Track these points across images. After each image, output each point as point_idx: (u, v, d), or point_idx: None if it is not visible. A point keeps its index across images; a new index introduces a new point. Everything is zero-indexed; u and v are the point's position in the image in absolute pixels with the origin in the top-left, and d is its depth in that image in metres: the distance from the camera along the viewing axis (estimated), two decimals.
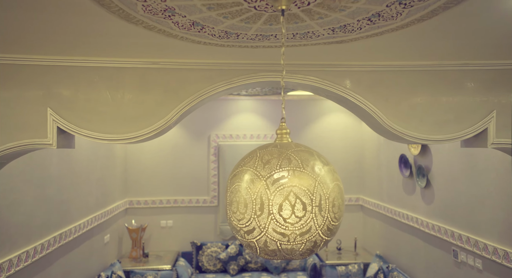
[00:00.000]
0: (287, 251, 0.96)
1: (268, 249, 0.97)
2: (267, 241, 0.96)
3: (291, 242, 0.95)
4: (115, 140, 1.80)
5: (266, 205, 0.94)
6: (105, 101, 1.81)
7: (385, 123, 1.89)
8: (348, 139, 5.60)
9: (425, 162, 3.79)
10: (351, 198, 5.57)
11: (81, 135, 1.79)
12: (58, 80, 1.78)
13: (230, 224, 1.04)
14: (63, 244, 3.21)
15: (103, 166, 4.34)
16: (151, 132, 1.82)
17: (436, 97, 1.92)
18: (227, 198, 1.04)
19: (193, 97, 1.85)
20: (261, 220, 0.94)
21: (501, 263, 2.71)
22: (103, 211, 4.24)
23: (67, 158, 3.34)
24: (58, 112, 1.77)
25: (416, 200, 3.97)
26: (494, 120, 1.88)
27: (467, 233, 3.10)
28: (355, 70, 1.89)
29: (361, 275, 4.62)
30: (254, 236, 0.97)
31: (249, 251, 1.04)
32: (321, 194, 0.95)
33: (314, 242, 0.96)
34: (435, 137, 1.91)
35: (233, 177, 1.04)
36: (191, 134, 5.49)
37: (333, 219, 0.98)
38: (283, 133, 1.07)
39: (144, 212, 5.36)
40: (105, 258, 4.38)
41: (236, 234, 1.03)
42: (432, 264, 3.66)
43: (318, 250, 1.00)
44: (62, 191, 3.22)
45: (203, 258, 5.09)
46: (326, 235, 0.97)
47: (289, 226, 0.94)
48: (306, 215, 0.94)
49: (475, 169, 3.02)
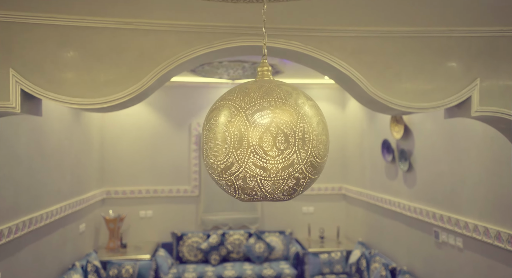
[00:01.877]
0: (268, 188, 0.88)
1: (248, 187, 0.89)
2: (246, 178, 0.87)
3: (272, 177, 0.87)
4: (85, 104, 1.68)
5: (246, 137, 0.85)
6: (74, 64, 1.69)
7: (370, 91, 1.84)
8: (331, 128, 5.57)
9: (407, 145, 3.79)
10: (334, 187, 5.56)
11: (47, 99, 1.66)
12: (22, 39, 1.64)
13: (206, 164, 0.95)
14: (33, 230, 3.04)
15: (78, 151, 4.15)
16: (124, 97, 1.71)
17: (421, 65, 1.88)
18: (203, 137, 0.95)
19: (170, 61, 1.74)
20: (240, 153, 0.86)
21: (481, 240, 2.72)
22: (77, 199, 4.06)
23: (37, 139, 3.17)
24: (22, 74, 1.64)
25: (398, 185, 3.98)
26: (478, 88, 1.86)
27: (448, 213, 3.10)
28: (339, 36, 1.83)
29: (343, 262, 4.61)
30: (232, 172, 0.88)
31: (227, 191, 0.95)
32: (304, 127, 0.88)
33: (296, 179, 0.88)
34: (420, 105, 1.87)
35: (210, 113, 0.95)
36: (171, 122, 5.35)
37: (317, 155, 0.91)
38: (264, 70, 0.99)
39: (122, 202, 5.19)
40: (80, 248, 4.20)
41: (213, 174, 0.94)
42: (414, 247, 3.66)
43: (301, 191, 0.93)
44: (31, 174, 3.04)
45: (184, 249, 4.97)
46: (309, 172, 0.90)
47: (270, 159, 0.85)
48: (288, 148, 0.86)
49: (457, 148, 3.02)
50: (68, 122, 3.87)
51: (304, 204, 5.52)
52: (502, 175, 2.53)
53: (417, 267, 3.60)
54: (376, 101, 1.88)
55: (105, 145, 5.15)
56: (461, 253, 2.96)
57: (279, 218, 5.48)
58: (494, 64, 1.88)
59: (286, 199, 0.93)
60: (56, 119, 3.56)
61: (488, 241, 2.64)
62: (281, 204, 5.47)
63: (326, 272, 4.54)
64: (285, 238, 5.17)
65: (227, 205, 5.37)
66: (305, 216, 5.51)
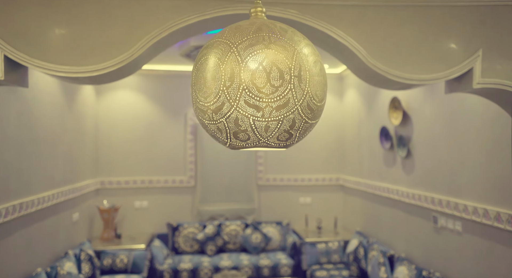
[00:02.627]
0: (262, 131, 0.81)
1: (240, 130, 0.82)
2: (238, 119, 0.81)
3: (265, 117, 0.80)
4: (72, 73, 1.61)
5: (237, 73, 0.79)
6: (61, 30, 1.61)
7: (369, 62, 1.78)
8: (329, 119, 5.52)
9: (406, 131, 3.74)
10: (331, 177, 5.51)
11: (33, 67, 1.58)
12: (6, 3, 1.57)
13: (196, 108, 0.88)
14: (24, 215, 2.97)
15: (71, 139, 4.08)
16: (112, 66, 1.64)
17: (422, 35, 1.82)
18: (192, 79, 0.89)
19: (161, 29, 1.67)
20: (232, 91, 0.79)
21: (480, 222, 2.67)
22: (70, 187, 3.99)
23: (28, 123, 3.09)
24: (6, 40, 1.56)
25: (397, 172, 3.93)
26: (480, 59, 1.81)
27: (447, 197, 3.05)
28: (338, 4, 1.77)
29: (341, 252, 4.56)
30: (223, 113, 0.81)
31: (218, 137, 0.88)
32: (300, 64, 0.81)
33: (292, 121, 0.81)
34: (420, 77, 1.81)
35: (199, 53, 0.88)
36: (167, 112, 5.27)
37: (315, 96, 0.84)
38: (257, 11, 0.92)
39: (117, 192, 5.12)
40: (73, 238, 4.12)
41: (202, 118, 0.87)
42: (412, 233, 3.62)
43: (297, 137, 0.86)
44: (21, 158, 2.97)
45: (180, 239, 4.91)
46: (306, 114, 0.83)
47: (264, 97, 0.79)
48: (283, 85, 0.79)
49: (456, 131, 2.97)
50: (60, 108, 3.79)
51: (301, 195, 5.47)
52: (503, 156, 2.48)
53: (416, 254, 3.56)
54: (375, 74, 1.82)
55: (99, 134, 5.07)
56: (460, 237, 2.91)
57: (276, 209, 5.43)
58: (497, 34, 1.82)
59: (281, 146, 0.86)
60: (48, 104, 3.48)
61: (487, 222, 2.59)
62: (278, 195, 5.41)
63: (324, 262, 4.49)
64: (282, 229, 5.12)
65: (223, 196, 5.31)
66: (303, 207, 5.46)
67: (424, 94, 3.43)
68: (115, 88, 5.13)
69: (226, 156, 5.30)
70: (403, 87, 1.96)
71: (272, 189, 5.45)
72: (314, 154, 5.50)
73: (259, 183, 5.39)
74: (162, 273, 4.34)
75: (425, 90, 3.41)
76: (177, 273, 4.37)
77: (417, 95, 3.54)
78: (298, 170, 5.47)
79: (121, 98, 5.16)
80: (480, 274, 2.69)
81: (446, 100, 3.10)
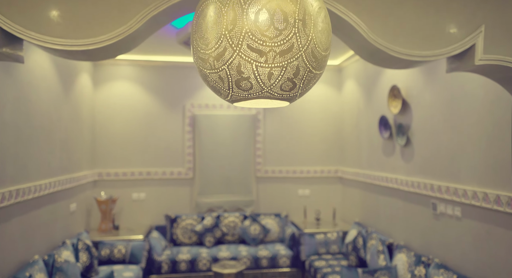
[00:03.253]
0: (265, 78, 0.78)
1: (242, 78, 0.79)
2: (240, 65, 0.78)
3: (269, 63, 0.77)
4: (69, 45, 1.58)
5: (240, 15, 0.76)
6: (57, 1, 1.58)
7: (371, 38, 1.76)
8: (328, 111, 5.51)
9: (405, 119, 3.73)
10: (330, 170, 5.50)
11: (29, 39, 1.55)
12: None
13: (197, 58, 0.85)
14: (21, 201, 2.93)
15: (68, 128, 4.04)
16: (110, 40, 1.61)
17: (424, 10, 1.80)
18: (193, 28, 0.86)
19: (160, 1, 1.64)
20: (234, 35, 0.76)
21: (480, 206, 2.66)
22: (68, 177, 3.95)
23: (24, 107, 3.05)
24: (1, 11, 1.53)
25: (396, 161, 3.91)
26: (483, 35, 1.79)
27: (446, 183, 3.04)
28: None
29: (340, 242, 4.55)
30: (225, 60, 0.78)
31: (220, 88, 0.84)
32: (305, 7, 0.78)
33: (296, 69, 0.79)
34: (422, 53, 1.79)
35: (199, 0, 0.85)
36: (164, 103, 5.24)
37: (319, 44, 0.81)
38: None
39: (115, 184, 5.08)
40: (71, 228, 4.09)
41: (203, 68, 0.84)
42: (411, 222, 3.61)
43: (301, 88, 0.83)
44: (18, 143, 2.93)
45: (178, 231, 4.88)
46: (310, 62, 0.80)
47: (267, 41, 0.76)
48: (287, 28, 0.76)
49: (456, 116, 2.96)
50: (56, 96, 3.75)
51: (299, 187, 5.45)
52: (503, 138, 2.47)
53: (415, 241, 3.55)
54: (377, 50, 1.80)
55: (96, 125, 5.04)
56: (459, 222, 2.90)
57: (275, 201, 5.41)
58: (499, 10, 1.80)
59: (284, 97, 0.83)
60: (44, 90, 3.44)
61: (487, 206, 2.58)
62: (276, 187, 5.40)
63: (322, 252, 4.48)
64: (281, 221, 5.10)
65: (222, 188, 5.28)
66: (301, 199, 5.44)
67: (424, 81, 3.41)
68: (113, 79, 5.10)
69: (225, 147, 5.27)
70: (405, 65, 1.94)
71: (271, 181, 5.43)
72: (313, 146, 5.49)
73: (257, 175, 5.37)
74: (161, 264, 4.31)
75: (425, 76, 3.39)
76: (176, 263, 4.35)
77: (416, 82, 3.53)
78: (297, 162, 5.46)
79: (119, 89, 5.12)
80: (479, 258, 2.68)
81: (446, 85, 3.09)
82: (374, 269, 3.26)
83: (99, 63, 5.06)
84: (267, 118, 5.43)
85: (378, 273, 3.23)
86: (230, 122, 5.30)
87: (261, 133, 5.40)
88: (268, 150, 5.42)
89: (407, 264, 3.21)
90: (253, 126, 5.34)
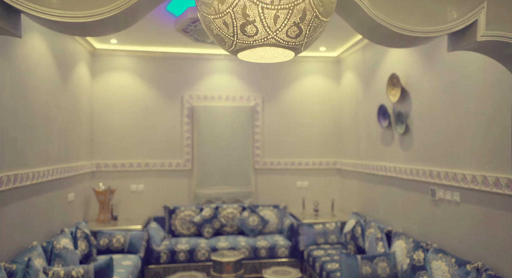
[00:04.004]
0: (270, 21, 0.77)
1: (248, 22, 0.78)
2: (246, 6, 0.76)
3: (275, 4, 0.76)
4: (67, 17, 1.56)
5: None
6: None
7: (372, 13, 1.75)
8: (326, 103, 5.50)
9: (404, 108, 3.73)
10: (329, 161, 5.50)
11: (26, 9, 1.53)
12: None
13: (200, 4, 0.83)
14: (19, 187, 2.91)
15: (66, 117, 4.01)
16: (109, 12, 1.58)
17: None
18: None
19: None
20: None
21: (479, 190, 2.66)
22: (66, 166, 3.93)
23: (22, 93, 3.02)
24: None
25: (394, 149, 3.91)
26: (485, 10, 1.78)
27: (445, 169, 3.04)
28: None
29: (338, 232, 4.55)
30: (230, 2, 0.77)
31: (224, 35, 0.82)
32: None
33: (303, 12, 0.77)
34: (424, 29, 1.78)
35: None
36: (163, 95, 5.22)
37: None
38: None
39: (113, 175, 5.06)
40: (69, 217, 4.07)
41: (207, 14, 0.82)
42: (410, 209, 3.61)
43: (307, 34, 0.82)
44: (15, 128, 2.90)
45: (176, 222, 4.87)
46: (317, 7, 0.79)
47: None
48: None
49: (455, 101, 2.96)
50: (54, 84, 3.72)
51: (298, 179, 5.45)
52: (502, 120, 2.47)
53: (413, 229, 3.55)
54: (379, 26, 1.78)
55: (94, 116, 5.01)
56: (458, 207, 2.90)
57: (273, 193, 5.40)
58: None
59: (290, 45, 0.82)
60: (41, 78, 3.41)
61: (486, 189, 2.58)
62: (275, 179, 5.39)
63: (321, 242, 4.48)
64: (279, 212, 5.09)
65: (220, 179, 5.27)
66: (299, 191, 5.44)
67: (423, 67, 3.41)
68: (110, 69, 5.07)
69: (223, 139, 5.25)
70: (407, 43, 1.93)
71: (269, 172, 5.42)
72: (311, 138, 5.48)
73: (256, 167, 5.36)
74: (159, 254, 4.30)
75: (424, 63, 3.39)
76: (174, 253, 4.33)
77: (415, 70, 3.52)
78: (295, 154, 5.45)
79: (117, 80, 5.09)
80: (478, 241, 2.69)
81: (445, 70, 3.09)
82: (373, 256, 3.26)
83: (96, 53, 5.03)
84: (265, 110, 5.41)
85: (376, 259, 3.23)
86: (228, 114, 5.28)
87: (259, 125, 5.39)
88: (267, 142, 5.41)
89: (405, 251, 3.22)
90: (252, 117, 5.33)
